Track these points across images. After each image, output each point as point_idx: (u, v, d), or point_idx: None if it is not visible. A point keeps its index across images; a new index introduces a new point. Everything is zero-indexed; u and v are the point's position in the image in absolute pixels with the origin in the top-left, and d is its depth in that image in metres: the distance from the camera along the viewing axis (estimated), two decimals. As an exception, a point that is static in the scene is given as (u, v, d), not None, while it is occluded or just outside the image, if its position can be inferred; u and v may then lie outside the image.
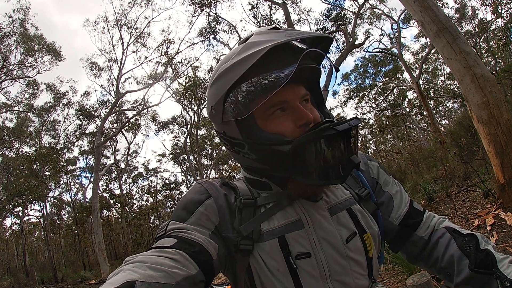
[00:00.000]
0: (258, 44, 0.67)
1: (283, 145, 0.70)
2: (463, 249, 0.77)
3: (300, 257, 0.72)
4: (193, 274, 0.62)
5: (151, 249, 0.66)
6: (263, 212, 0.77)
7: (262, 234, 0.74)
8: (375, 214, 0.84)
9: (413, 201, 0.91)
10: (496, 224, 4.22)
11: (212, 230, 0.74)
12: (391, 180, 0.93)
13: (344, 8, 16.81)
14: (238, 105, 0.72)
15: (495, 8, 18.00)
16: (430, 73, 26.46)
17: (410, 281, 2.29)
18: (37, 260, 21.57)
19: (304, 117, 0.72)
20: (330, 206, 0.79)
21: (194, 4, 17.02)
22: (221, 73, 0.72)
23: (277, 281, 0.71)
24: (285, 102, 0.72)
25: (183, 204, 0.77)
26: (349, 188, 0.85)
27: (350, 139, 0.71)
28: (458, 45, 4.57)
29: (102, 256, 14.69)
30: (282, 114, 0.73)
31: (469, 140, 8.11)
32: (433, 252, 0.83)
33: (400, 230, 0.86)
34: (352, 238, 0.76)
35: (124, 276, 0.53)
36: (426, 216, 0.89)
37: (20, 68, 17.74)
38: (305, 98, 0.76)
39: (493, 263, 0.72)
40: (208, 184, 0.81)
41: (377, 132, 27.00)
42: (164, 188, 30.11)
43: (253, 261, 0.73)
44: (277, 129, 0.72)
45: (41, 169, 18.52)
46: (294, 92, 0.73)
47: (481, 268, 0.72)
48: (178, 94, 22.66)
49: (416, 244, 0.86)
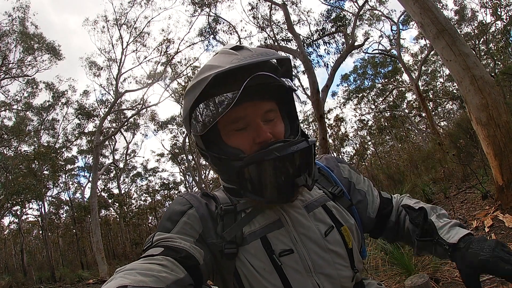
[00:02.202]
0: (210, 68, 0.73)
1: (236, 161, 0.76)
2: (414, 222, 0.87)
3: (283, 254, 0.75)
4: (181, 278, 0.65)
5: (140, 258, 0.69)
6: (243, 216, 0.80)
7: (245, 237, 0.77)
8: (350, 210, 0.89)
9: (381, 192, 1.02)
10: (495, 226, 4.22)
11: (197, 238, 0.77)
12: (361, 178, 1.00)
13: (343, 9, 16.83)
14: (199, 121, 0.78)
15: (495, 11, 18.06)
16: (429, 74, 26.52)
17: (408, 282, 2.29)
18: (35, 259, 21.55)
19: (261, 135, 0.76)
20: (306, 204, 0.83)
21: (194, 4, 17.00)
22: (187, 90, 0.79)
23: (264, 280, 0.74)
24: (243, 118, 0.78)
25: (167, 216, 0.81)
26: (322, 188, 0.90)
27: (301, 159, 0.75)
28: (457, 47, 4.58)
29: (100, 256, 14.66)
30: (244, 129, 0.79)
31: (468, 141, 8.12)
32: (399, 227, 0.95)
33: (377, 221, 0.95)
34: (330, 232, 0.80)
35: (116, 283, 0.55)
36: (394, 202, 1.00)
37: (20, 67, 17.70)
38: (269, 113, 0.80)
39: (434, 231, 0.81)
40: (189, 196, 0.86)
41: (376, 133, 27.05)
42: (162, 188, 30.12)
43: (239, 264, 0.76)
44: (236, 144, 0.79)
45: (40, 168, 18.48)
46: (255, 108, 0.78)
47: (425, 236, 0.82)
48: (177, 94, 22.63)
49: (391, 228, 0.97)
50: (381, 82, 25.97)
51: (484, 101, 4.37)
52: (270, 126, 0.79)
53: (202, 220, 0.79)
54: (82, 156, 26.47)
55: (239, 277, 0.76)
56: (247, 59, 0.73)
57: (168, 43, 19.88)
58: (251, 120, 0.78)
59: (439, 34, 4.71)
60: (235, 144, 0.78)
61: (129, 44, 19.25)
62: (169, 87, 21.87)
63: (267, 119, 0.80)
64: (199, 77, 0.75)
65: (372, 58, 24.30)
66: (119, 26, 18.83)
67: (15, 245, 21.89)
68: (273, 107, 0.81)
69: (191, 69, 21.01)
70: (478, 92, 4.42)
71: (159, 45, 20.00)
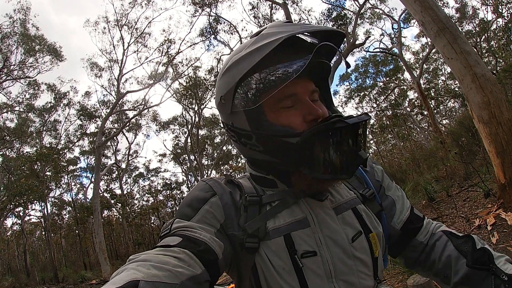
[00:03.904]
0: (272, 35, 0.68)
1: (291, 137, 0.69)
2: (460, 249, 0.78)
3: (305, 256, 0.71)
4: (198, 274, 0.61)
5: (155, 247, 0.65)
6: (268, 210, 0.76)
7: (268, 232, 0.73)
8: (379, 215, 0.83)
9: (413, 207, 0.92)
10: (497, 224, 4.21)
11: (218, 228, 0.73)
12: (393, 185, 0.93)
13: (344, 8, 16.84)
14: (249, 95, 0.73)
15: (496, 8, 17.99)
16: (430, 73, 26.45)
17: (411, 281, 2.29)
18: (38, 260, 21.62)
19: (313, 112, 0.71)
20: (335, 206, 0.78)
21: (194, 4, 17.05)
22: (233, 63, 0.72)
23: (282, 280, 0.70)
24: (294, 95, 0.73)
25: (188, 202, 0.77)
26: (353, 189, 0.84)
27: (358, 135, 0.70)
28: (458, 45, 4.57)
29: (103, 256, 14.71)
30: (292, 107, 0.73)
31: (470, 140, 8.10)
32: (431, 255, 0.83)
33: (402, 235, 0.86)
34: (357, 237, 0.75)
35: (128, 275, 0.52)
36: (426, 222, 0.90)
37: (21, 69, 17.78)
38: (314, 93, 0.76)
39: (490, 259, 0.72)
40: (213, 182, 0.81)
41: (378, 132, 27.00)
42: (164, 188, 30.15)
43: (258, 260, 0.72)
44: (286, 122, 0.72)
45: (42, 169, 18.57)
46: (304, 86, 0.73)
47: (478, 264, 0.72)
48: (179, 94, 22.68)
49: (415, 249, 0.86)
50: (383, 80, 25.92)
51: (486, 99, 4.36)
52: (317, 105, 0.74)
53: (225, 209, 0.75)
54: (84, 157, 26.63)
55: (256, 273, 0.72)
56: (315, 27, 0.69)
57: (169, 44, 19.96)
58: (300, 98, 0.73)
59: (440, 32, 4.70)
60: (284, 122, 0.72)
61: (130, 45, 19.34)
62: (170, 88, 21.91)
63: (313, 99, 0.76)
64: (255, 45, 0.69)
65: (374, 57, 24.29)
66: (120, 27, 18.91)
67: (18, 246, 21.96)
68: (315, 89, 0.77)
69: (192, 69, 21.06)
70: (480, 90, 4.40)
71: (160, 45, 20.11)
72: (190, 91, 21.89)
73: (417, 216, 0.89)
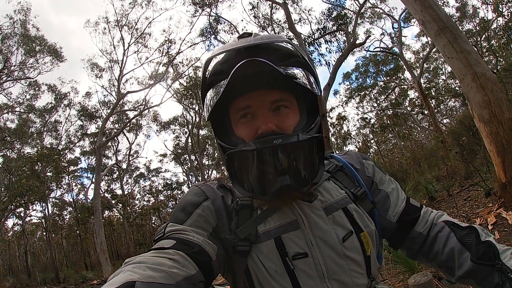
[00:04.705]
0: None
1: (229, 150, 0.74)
2: (463, 242, 0.76)
3: (297, 257, 0.72)
4: (192, 274, 0.62)
5: (150, 250, 0.66)
6: (259, 213, 0.77)
7: (258, 236, 0.74)
8: (371, 213, 0.83)
9: (409, 198, 0.91)
10: (498, 223, 4.21)
11: (210, 231, 0.74)
12: (387, 178, 0.92)
13: (345, 8, 16.81)
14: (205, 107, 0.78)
15: (496, 7, 17.96)
16: (431, 72, 26.42)
17: (412, 280, 2.29)
18: (39, 260, 21.64)
19: (261, 125, 0.72)
20: (326, 206, 0.78)
21: (195, 4, 17.05)
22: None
23: (275, 282, 0.71)
24: (249, 107, 0.75)
25: (181, 206, 0.78)
26: (345, 187, 0.84)
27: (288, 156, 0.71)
28: (459, 44, 4.57)
29: (104, 257, 14.71)
30: (251, 119, 0.75)
31: (470, 139, 8.08)
32: (433, 246, 0.82)
33: (398, 227, 0.85)
34: (348, 237, 0.75)
35: (124, 277, 0.53)
36: (423, 211, 0.88)
37: (21, 69, 17.80)
38: (279, 103, 0.75)
39: (496, 254, 0.70)
40: (205, 187, 0.82)
41: (378, 131, 26.99)
42: (165, 188, 30.17)
43: (251, 263, 0.73)
44: (240, 134, 0.76)
45: (43, 169, 18.59)
46: (261, 98, 0.74)
47: (483, 260, 0.71)
48: (179, 94, 22.70)
49: (415, 240, 0.85)
50: (383, 80, 25.91)
51: (486, 98, 4.35)
52: (279, 117, 0.74)
53: (217, 213, 0.77)
54: (85, 158, 26.67)
55: (250, 275, 0.73)
56: (243, 43, 0.70)
57: (170, 44, 19.95)
58: (256, 110, 0.74)
59: (440, 31, 4.69)
60: (240, 133, 0.76)
61: (130, 45, 19.34)
62: (171, 88, 21.91)
63: (277, 110, 0.75)
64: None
65: (374, 56, 24.26)
66: (120, 27, 18.91)
67: (19, 246, 22.01)
68: (285, 98, 0.76)
69: (193, 69, 21.04)
70: (480, 89, 4.40)
71: (160, 45, 20.09)
72: (190, 91, 21.90)
73: (414, 207, 0.88)
